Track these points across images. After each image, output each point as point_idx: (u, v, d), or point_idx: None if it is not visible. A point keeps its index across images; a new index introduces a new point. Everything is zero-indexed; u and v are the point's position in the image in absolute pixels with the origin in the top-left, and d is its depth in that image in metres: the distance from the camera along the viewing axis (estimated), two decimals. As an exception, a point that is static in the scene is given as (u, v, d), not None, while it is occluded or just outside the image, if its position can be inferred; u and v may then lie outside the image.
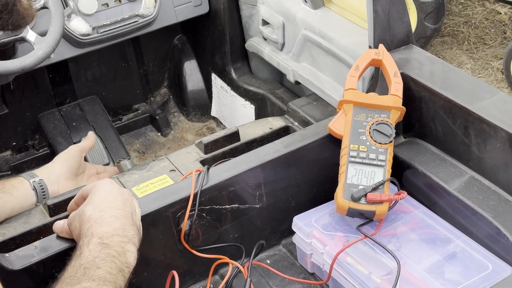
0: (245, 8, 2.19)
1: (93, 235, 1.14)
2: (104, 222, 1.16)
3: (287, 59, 2.05)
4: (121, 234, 1.16)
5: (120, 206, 1.20)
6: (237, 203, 1.46)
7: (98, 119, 2.32)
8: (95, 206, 1.19)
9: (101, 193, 1.23)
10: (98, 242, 1.13)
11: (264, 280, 1.48)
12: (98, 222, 1.16)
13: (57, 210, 1.52)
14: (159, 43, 2.48)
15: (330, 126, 1.49)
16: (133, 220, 1.21)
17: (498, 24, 3.72)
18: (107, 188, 1.24)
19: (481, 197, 1.36)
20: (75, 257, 1.13)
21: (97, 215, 1.17)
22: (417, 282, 1.30)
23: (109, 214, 1.18)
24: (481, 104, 1.39)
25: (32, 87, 2.30)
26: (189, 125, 2.51)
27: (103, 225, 1.16)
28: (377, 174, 1.39)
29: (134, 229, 1.19)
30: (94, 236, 1.14)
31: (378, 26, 1.56)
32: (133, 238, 1.18)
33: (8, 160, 2.23)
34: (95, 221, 1.16)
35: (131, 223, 1.20)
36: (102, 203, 1.20)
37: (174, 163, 1.67)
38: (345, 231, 1.42)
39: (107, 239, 1.13)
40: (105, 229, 1.15)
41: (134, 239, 1.18)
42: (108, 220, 1.17)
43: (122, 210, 1.20)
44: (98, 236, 1.14)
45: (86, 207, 1.20)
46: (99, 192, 1.23)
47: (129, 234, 1.17)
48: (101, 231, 1.14)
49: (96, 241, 1.13)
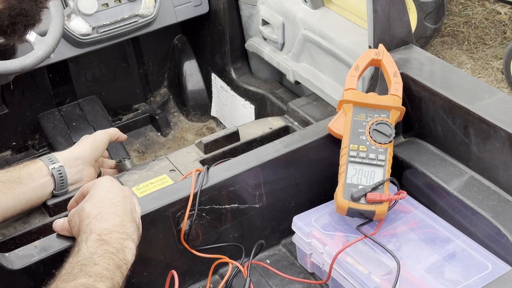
0: (245, 8, 2.19)
1: (92, 232, 1.14)
2: (103, 219, 1.16)
3: (287, 59, 2.05)
4: (120, 230, 1.15)
5: (119, 202, 1.20)
6: (237, 203, 1.46)
7: (98, 119, 2.32)
8: (94, 203, 1.19)
9: (101, 190, 1.22)
10: (96, 238, 1.12)
11: (264, 280, 1.48)
12: (97, 219, 1.16)
13: (57, 210, 1.52)
14: (159, 43, 2.48)
15: (329, 126, 1.49)
16: (133, 217, 1.21)
17: (498, 24, 3.72)
18: (107, 185, 1.23)
19: (480, 197, 1.36)
20: (73, 253, 1.13)
21: (96, 212, 1.17)
22: (417, 282, 1.30)
23: (109, 211, 1.17)
24: (481, 104, 1.39)
25: (32, 87, 2.30)
26: (189, 125, 2.51)
27: (102, 221, 1.15)
28: (376, 174, 1.39)
29: (133, 226, 1.19)
30: (93, 232, 1.13)
31: (378, 26, 1.56)
32: (132, 235, 1.17)
33: (8, 160, 2.23)
34: (94, 217, 1.16)
35: (130, 220, 1.19)
36: (102, 200, 1.20)
37: (174, 163, 1.67)
38: (345, 231, 1.43)
39: (105, 235, 1.13)
40: (104, 225, 1.15)
41: (133, 236, 1.17)
42: (107, 216, 1.16)
43: (121, 207, 1.20)
44: (96, 232, 1.13)
45: (85, 203, 1.20)
46: (99, 189, 1.23)
47: (128, 231, 1.17)
48: (100, 228, 1.14)
49: (94, 237, 1.13)
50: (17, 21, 1.10)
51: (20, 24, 1.12)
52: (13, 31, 1.12)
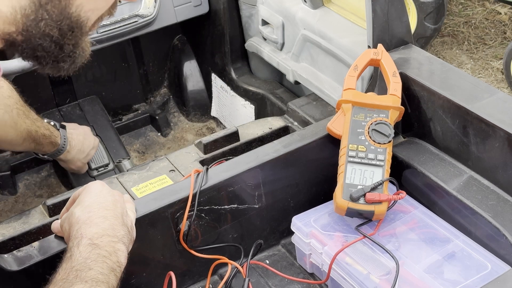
0: (245, 8, 2.19)
1: (83, 236, 1.13)
2: (93, 223, 1.15)
3: (286, 59, 2.05)
4: (110, 234, 1.15)
5: (109, 207, 1.20)
6: (236, 203, 1.46)
7: (98, 119, 2.32)
8: (84, 208, 1.19)
9: (91, 195, 1.22)
10: (88, 243, 1.12)
11: (263, 280, 1.48)
12: (87, 223, 1.15)
13: (57, 210, 1.52)
14: (159, 43, 2.48)
15: (329, 126, 1.49)
16: (123, 221, 1.20)
17: (498, 24, 3.72)
18: (97, 190, 1.23)
19: (480, 197, 1.36)
20: (65, 259, 1.12)
21: (85, 216, 1.17)
22: (416, 282, 1.30)
23: (98, 215, 1.17)
24: (480, 103, 1.39)
25: (32, 87, 2.29)
26: (189, 125, 2.51)
27: (92, 225, 1.15)
28: (376, 174, 1.39)
29: (124, 229, 1.19)
30: (84, 237, 1.13)
31: (377, 26, 1.56)
32: (123, 238, 1.17)
33: (8, 160, 2.22)
34: (84, 222, 1.16)
35: (121, 223, 1.19)
36: (91, 204, 1.19)
37: (173, 163, 1.68)
38: (344, 231, 1.43)
39: (96, 239, 1.13)
40: (94, 229, 1.14)
41: (124, 239, 1.17)
42: (97, 220, 1.16)
43: (111, 210, 1.19)
44: (87, 237, 1.13)
45: (75, 208, 1.20)
46: (89, 194, 1.22)
47: (118, 234, 1.16)
48: (90, 232, 1.14)
49: (86, 242, 1.12)
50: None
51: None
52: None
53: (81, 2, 1.00)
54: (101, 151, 2.08)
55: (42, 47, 1.01)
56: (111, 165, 2.06)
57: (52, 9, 0.98)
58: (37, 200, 2.12)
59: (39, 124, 1.79)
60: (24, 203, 2.11)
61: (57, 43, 1.02)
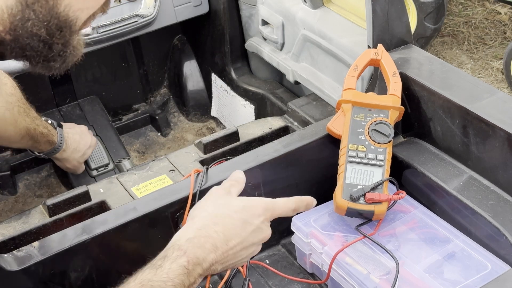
0: (245, 8, 2.19)
1: (185, 254, 1.07)
2: (204, 246, 1.09)
3: (286, 59, 2.05)
4: (206, 268, 1.10)
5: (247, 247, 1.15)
6: (236, 203, 1.46)
7: (98, 119, 2.32)
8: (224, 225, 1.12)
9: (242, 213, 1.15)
10: (183, 265, 1.06)
11: (263, 280, 1.48)
12: (200, 242, 1.09)
13: (57, 210, 1.52)
14: (159, 43, 2.48)
15: (329, 126, 1.49)
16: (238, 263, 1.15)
17: (498, 24, 3.72)
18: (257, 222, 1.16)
19: (480, 197, 1.36)
20: (152, 265, 1.07)
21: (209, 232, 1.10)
22: (416, 282, 1.30)
23: (227, 245, 1.11)
24: (480, 103, 1.39)
25: (32, 87, 2.29)
26: (189, 125, 2.51)
27: (206, 250, 1.08)
28: (376, 174, 1.39)
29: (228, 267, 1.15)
30: (186, 255, 1.07)
31: (377, 26, 1.56)
32: (212, 271, 1.13)
33: (8, 160, 2.22)
34: (200, 236, 1.09)
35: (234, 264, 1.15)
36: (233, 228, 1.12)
37: (173, 163, 1.67)
38: (344, 231, 1.43)
39: (191, 265, 1.06)
40: (200, 253, 1.08)
41: (210, 272, 1.12)
42: (208, 246, 1.09)
43: (245, 250, 1.14)
44: (189, 257, 1.06)
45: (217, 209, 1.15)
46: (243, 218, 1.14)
47: (217, 270, 1.12)
48: (193, 254, 1.07)
49: (182, 262, 1.06)
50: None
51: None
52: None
53: (69, 2, 0.99)
54: (101, 151, 2.08)
55: (30, 47, 1.00)
56: (111, 165, 2.06)
57: (39, 9, 0.97)
58: (37, 200, 2.12)
59: (38, 122, 1.80)
60: (24, 203, 2.11)
61: (46, 42, 1.01)
